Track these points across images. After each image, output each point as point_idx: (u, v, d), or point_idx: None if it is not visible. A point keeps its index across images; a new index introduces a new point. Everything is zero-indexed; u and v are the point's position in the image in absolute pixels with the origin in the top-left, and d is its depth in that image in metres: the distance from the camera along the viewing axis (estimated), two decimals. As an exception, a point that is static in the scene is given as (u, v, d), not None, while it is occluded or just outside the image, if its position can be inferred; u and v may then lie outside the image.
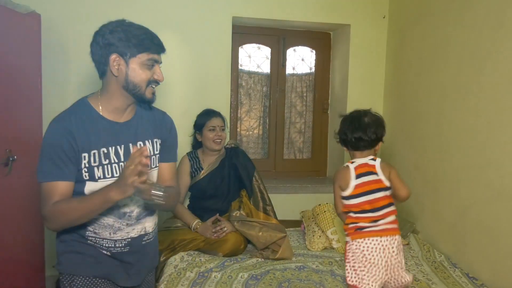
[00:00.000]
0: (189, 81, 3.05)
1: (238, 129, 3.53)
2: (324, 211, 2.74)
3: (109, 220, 1.43)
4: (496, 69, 2.19)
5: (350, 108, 3.03)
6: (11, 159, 2.32)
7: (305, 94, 3.64)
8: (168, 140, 1.58)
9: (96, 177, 1.40)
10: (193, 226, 2.56)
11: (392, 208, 1.81)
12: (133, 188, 1.27)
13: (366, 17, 3.27)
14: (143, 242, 1.53)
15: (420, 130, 2.86)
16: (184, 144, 2.82)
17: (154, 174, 1.56)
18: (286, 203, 3.22)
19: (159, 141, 1.57)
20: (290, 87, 3.60)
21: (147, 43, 1.40)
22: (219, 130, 2.66)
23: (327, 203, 2.78)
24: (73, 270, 1.45)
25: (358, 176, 1.81)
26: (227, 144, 2.82)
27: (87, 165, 1.39)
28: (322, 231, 2.70)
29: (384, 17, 3.30)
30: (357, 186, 1.80)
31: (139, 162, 1.24)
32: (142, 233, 1.52)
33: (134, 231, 1.50)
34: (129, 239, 1.48)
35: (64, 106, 2.74)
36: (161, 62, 1.48)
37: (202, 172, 2.69)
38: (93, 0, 2.85)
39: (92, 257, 1.45)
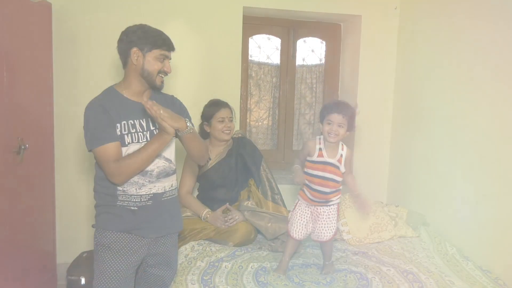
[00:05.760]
0: (199, 71, 3.03)
1: (248, 120, 3.51)
2: (334, 203, 2.72)
3: (134, 178, 1.78)
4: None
5: (360, 100, 3.02)
6: (23, 147, 2.34)
7: (314, 86, 3.62)
8: (180, 113, 1.83)
9: (127, 143, 1.76)
10: (203, 215, 2.57)
11: None
12: (168, 124, 1.65)
13: (378, 8, 3.23)
14: (163, 199, 1.87)
15: (431, 122, 2.83)
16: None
17: (172, 147, 1.89)
18: (296, 194, 3.20)
19: None
20: (300, 78, 3.57)
21: (160, 42, 1.79)
22: (228, 121, 2.67)
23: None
24: (104, 226, 1.83)
25: None
26: (234, 134, 2.81)
27: (119, 134, 1.75)
28: (332, 223, 2.69)
29: (395, 8, 3.25)
30: None
31: (156, 110, 1.62)
32: (162, 191, 1.86)
33: (155, 188, 1.83)
34: (152, 194, 1.83)
35: (75, 95, 2.81)
36: (170, 58, 1.85)
37: (210, 162, 2.68)
38: (103, -11, 2.84)
39: (119, 216, 1.80)
